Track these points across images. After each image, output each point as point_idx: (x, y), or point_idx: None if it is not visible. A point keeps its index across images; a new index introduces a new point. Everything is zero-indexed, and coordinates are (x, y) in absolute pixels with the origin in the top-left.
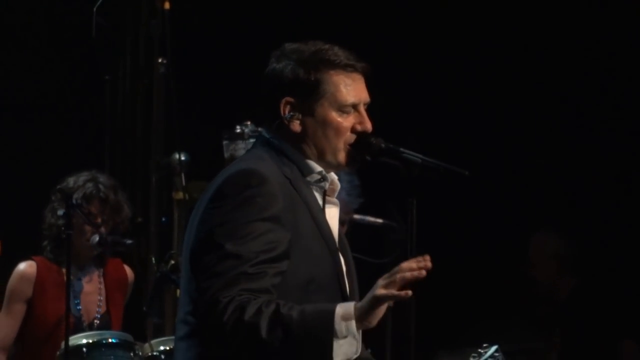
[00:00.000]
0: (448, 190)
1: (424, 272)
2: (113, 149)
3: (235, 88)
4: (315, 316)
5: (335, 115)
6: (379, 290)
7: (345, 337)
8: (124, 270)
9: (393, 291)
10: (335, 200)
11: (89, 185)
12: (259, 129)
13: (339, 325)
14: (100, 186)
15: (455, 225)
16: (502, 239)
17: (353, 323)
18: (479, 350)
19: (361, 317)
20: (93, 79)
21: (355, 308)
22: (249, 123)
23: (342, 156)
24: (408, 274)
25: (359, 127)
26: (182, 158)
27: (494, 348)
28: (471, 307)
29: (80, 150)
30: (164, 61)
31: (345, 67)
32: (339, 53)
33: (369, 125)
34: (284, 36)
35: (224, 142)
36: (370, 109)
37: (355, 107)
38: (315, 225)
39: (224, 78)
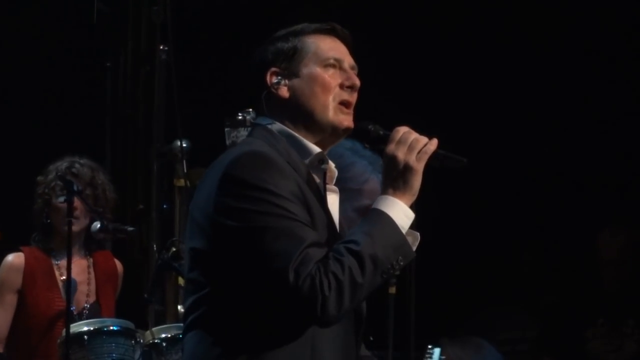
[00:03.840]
0: (448, 176)
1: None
2: (114, 135)
3: (237, 75)
4: (382, 231)
5: (320, 71)
6: (415, 162)
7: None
8: (114, 263)
9: (432, 143)
10: (334, 187)
11: (74, 171)
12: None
13: (402, 221)
14: (85, 169)
15: (456, 212)
16: (503, 227)
17: (407, 209)
18: (426, 354)
19: (413, 197)
20: (94, 65)
21: (401, 195)
22: (250, 110)
23: (331, 114)
24: (431, 144)
25: (346, 83)
26: (184, 145)
27: (437, 351)
28: (472, 295)
29: (81, 137)
30: (166, 48)
31: (324, 31)
32: (320, 22)
33: (356, 81)
34: (287, 22)
35: (226, 129)
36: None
37: (339, 63)
38: (322, 211)
39: (225, 65)
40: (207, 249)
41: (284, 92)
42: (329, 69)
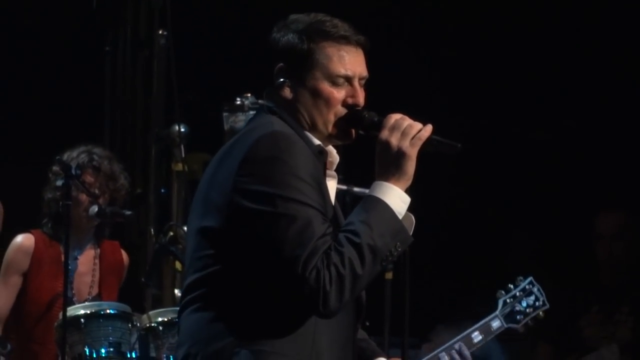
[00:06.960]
0: (443, 160)
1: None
2: (113, 120)
3: (236, 60)
4: (379, 219)
5: (326, 86)
6: (409, 147)
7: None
8: (121, 255)
9: (425, 130)
10: (333, 173)
11: (83, 155)
12: (259, 101)
13: (398, 207)
14: (94, 156)
15: (452, 197)
16: (498, 213)
17: (403, 194)
18: (509, 285)
19: (407, 183)
20: (93, 50)
21: (395, 181)
22: (249, 95)
23: (333, 129)
24: (425, 130)
25: (350, 100)
26: (182, 130)
27: (527, 280)
28: (469, 281)
29: (81, 122)
30: (165, 33)
31: (340, 39)
32: (337, 25)
33: (361, 100)
34: (287, 8)
35: (224, 114)
36: (367, 85)
37: (348, 80)
38: (326, 194)
39: (224, 50)
40: (221, 228)
41: (287, 92)
42: (336, 86)
